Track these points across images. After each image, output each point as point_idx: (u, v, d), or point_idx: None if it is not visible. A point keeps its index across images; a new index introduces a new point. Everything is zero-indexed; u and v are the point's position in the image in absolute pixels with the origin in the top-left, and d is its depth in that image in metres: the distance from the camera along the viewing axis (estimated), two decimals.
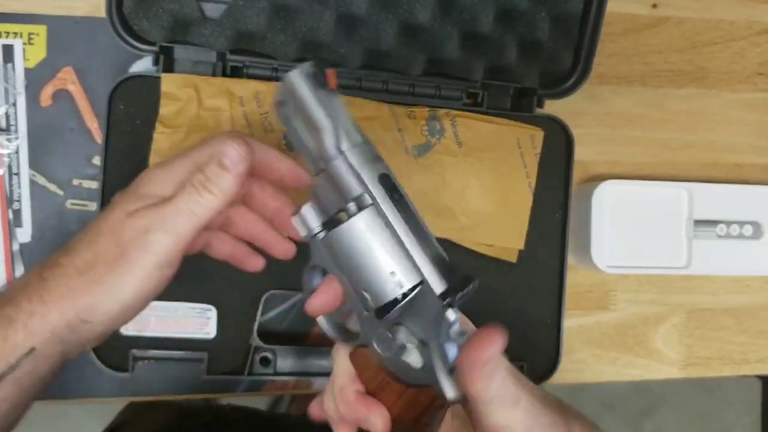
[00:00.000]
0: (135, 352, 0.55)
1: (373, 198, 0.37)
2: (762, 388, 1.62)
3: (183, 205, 0.40)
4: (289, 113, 0.40)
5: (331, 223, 0.39)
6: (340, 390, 0.41)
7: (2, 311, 0.39)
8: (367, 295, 0.38)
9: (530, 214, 0.61)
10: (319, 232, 0.40)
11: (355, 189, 0.38)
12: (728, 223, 0.68)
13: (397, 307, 0.37)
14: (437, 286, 0.37)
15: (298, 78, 0.38)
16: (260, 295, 0.58)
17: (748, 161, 0.72)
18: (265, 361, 0.58)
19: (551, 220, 0.62)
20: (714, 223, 0.68)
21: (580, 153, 0.64)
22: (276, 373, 0.58)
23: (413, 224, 0.38)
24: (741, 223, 0.68)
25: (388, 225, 0.37)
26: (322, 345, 0.61)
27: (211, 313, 0.57)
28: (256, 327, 0.58)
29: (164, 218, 0.40)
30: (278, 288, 0.58)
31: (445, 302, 0.36)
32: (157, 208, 0.41)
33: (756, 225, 0.69)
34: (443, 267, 0.38)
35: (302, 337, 0.61)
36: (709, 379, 1.68)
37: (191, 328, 0.57)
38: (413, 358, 0.38)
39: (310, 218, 0.40)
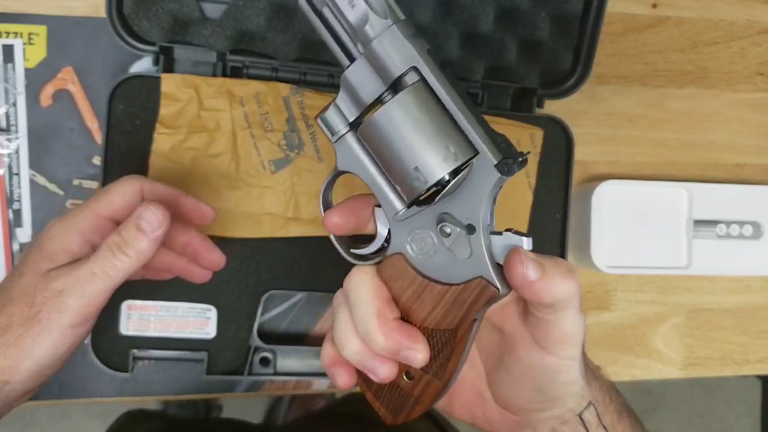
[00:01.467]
0: (135, 352, 0.55)
1: (424, 72, 0.35)
2: (762, 388, 1.62)
3: (98, 268, 0.41)
4: None
5: (371, 109, 0.36)
6: (379, 317, 0.35)
7: None
8: (414, 176, 0.35)
9: (530, 213, 0.61)
10: (348, 132, 0.37)
11: (403, 64, 0.35)
12: (728, 223, 0.68)
13: (454, 180, 0.35)
14: (494, 156, 0.34)
15: None
16: (260, 295, 0.58)
17: (748, 161, 0.72)
18: (264, 361, 0.58)
19: (551, 220, 0.62)
20: (714, 223, 0.68)
21: (580, 153, 0.64)
22: (276, 373, 0.58)
23: (465, 98, 0.35)
24: (741, 223, 0.68)
25: (439, 100, 0.35)
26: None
27: (211, 313, 0.57)
28: (256, 327, 0.58)
29: (79, 281, 0.41)
30: (278, 288, 0.58)
31: (502, 172, 0.34)
32: (71, 271, 0.41)
33: (756, 225, 0.69)
34: (496, 139, 0.35)
35: (302, 337, 0.61)
36: (709, 379, 1.68)
37: (191, 328, 0.57)
38: (461, 248, 0.35)
39: (336, 119, 0.37)
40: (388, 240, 0.38)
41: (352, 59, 0.36)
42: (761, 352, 0.72)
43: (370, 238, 0.39)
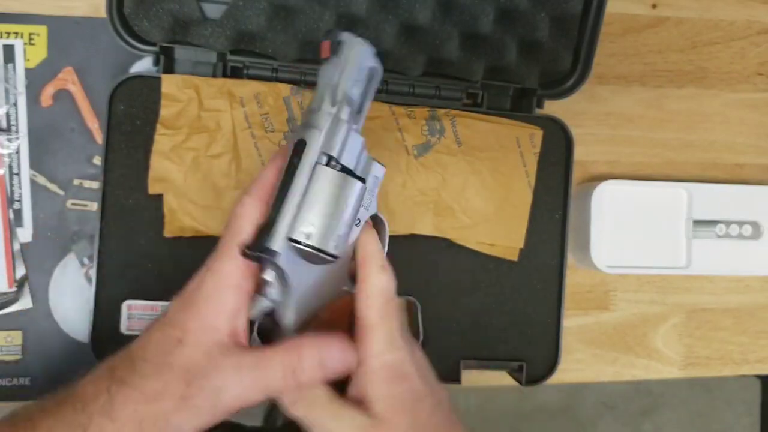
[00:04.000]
0: None
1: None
2: (762, 388, 1.62)
3: (262, 383, 0.38)
4: (334, 68, 0.41)
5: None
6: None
7: (75, 417, 0.38)
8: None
9: (530, 213, 0.62)
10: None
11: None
12: (728, 223, 0.68)
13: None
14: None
15: (366, 49, 0.41)
16: None
17: (747, 161, 0.72)
18: None
19: (551, 221, 0.62)
20: (713, 223, 0.68)
21: (579, 153, 0.64)
22: None
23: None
24: (740, 223, 0.68)
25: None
26: None
27: None
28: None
29: (242, 387, 0.38)
30: None
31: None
32: (236, 373, 0.38)
33: (755, 225, 0.69)
34: None
35: None
36: (709, 379, 1.68)
37: None
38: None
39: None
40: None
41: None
42: (761, 352, 0.72)
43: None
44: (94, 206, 0.58)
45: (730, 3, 0.71)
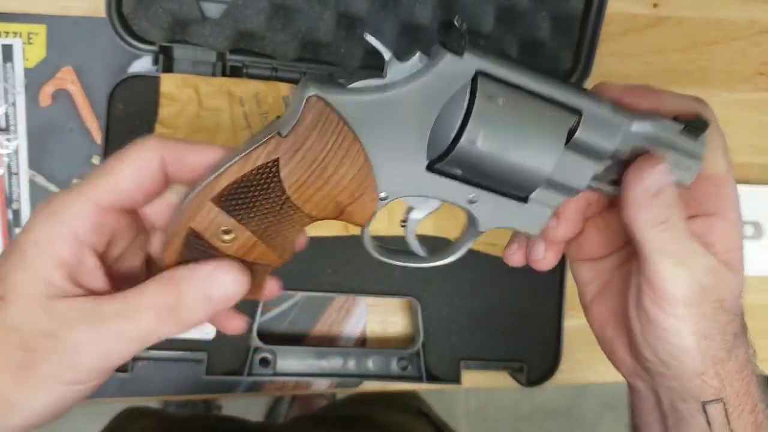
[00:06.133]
0: None
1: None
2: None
3: (133, 333, 0.32)
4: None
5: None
6: None
7: None
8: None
9: None
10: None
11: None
12: None
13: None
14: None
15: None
16: None
17: (748, 161, 0.72)
18: (264, 362, 0.58)
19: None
20: None
21: None
22: (275, 374, 0.58)
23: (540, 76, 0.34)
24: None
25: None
26: (322, 345, 0.61)
27: None
28: (255, 327, 0.57)
29: (101, 341, 0.31)
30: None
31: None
32: (92, 323, 0.31)
33: (756, 225, 0.69)
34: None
35: (302, 337, 0.61)
36: None
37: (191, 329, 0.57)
38: None
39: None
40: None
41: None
42: (761, 352, 0.71)
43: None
44: None
45: (731, 2, 0.71)
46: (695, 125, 0.35)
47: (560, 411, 1.66)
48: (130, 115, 0.56)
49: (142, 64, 0.59)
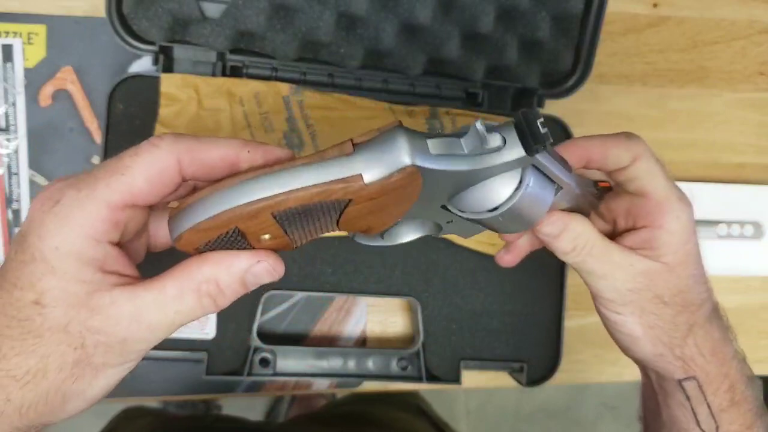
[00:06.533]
0: None
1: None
2: (763, 388, 1.62)
3: (178, 316, 0.34)
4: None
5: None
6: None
7: None
8: None
9: None
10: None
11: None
12: (729, 223, 0.68)
13: None
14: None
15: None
16: (260, 296, 0.57)
17: (748, 161, 0.72)
18: (264, 362, 0.58)
19: None
20: (714, 223, 0.68)
21: None
22: (275, 374, 0.58)
23: None
24: (742, 223, 0.68)
25: None
26: (322, 345, 0.61)
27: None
28: (255, 327, 0.57)
29: (149, 327, 0.34)
30: (278, 288, 0.58)
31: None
32: (135, 311, 0.33)
33: (757, 225, 0.69)
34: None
35: (302, 337, 0.61)
36: None
37: (191, 329, 0.57)
38: None
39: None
40: None
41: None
42: (761, 352, 0.72)
43: None
44: None
45: (731, 2, 0.71)
46: (605, 190, 0.42)
47: (560, 411, 1.66)
48: (130, 115, 0.56)
49: (142, 64, 0.59)
